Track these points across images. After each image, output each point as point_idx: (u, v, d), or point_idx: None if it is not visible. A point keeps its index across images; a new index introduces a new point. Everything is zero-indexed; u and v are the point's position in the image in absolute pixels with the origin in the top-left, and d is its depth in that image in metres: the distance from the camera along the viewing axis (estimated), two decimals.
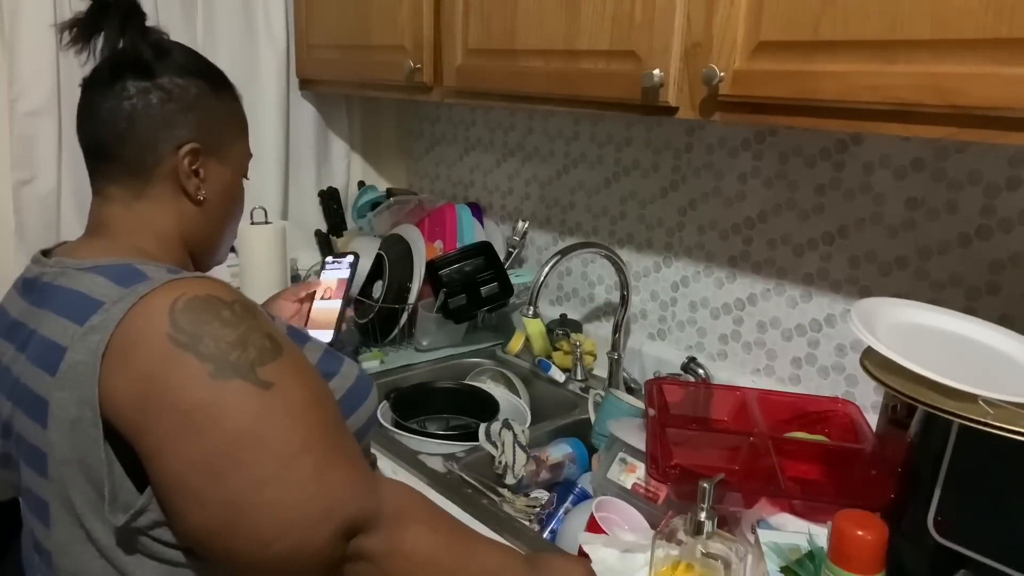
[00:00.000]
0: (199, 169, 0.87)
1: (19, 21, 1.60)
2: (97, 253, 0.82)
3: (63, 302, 0.77)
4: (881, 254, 1.25)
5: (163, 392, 0.68)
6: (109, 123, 0.85)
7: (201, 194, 0.88)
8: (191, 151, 0.85)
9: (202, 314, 0.71)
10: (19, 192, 1.67)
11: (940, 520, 0.83)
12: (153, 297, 0.72)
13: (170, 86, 0.84)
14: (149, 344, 0.69)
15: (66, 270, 0.80)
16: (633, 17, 1.13)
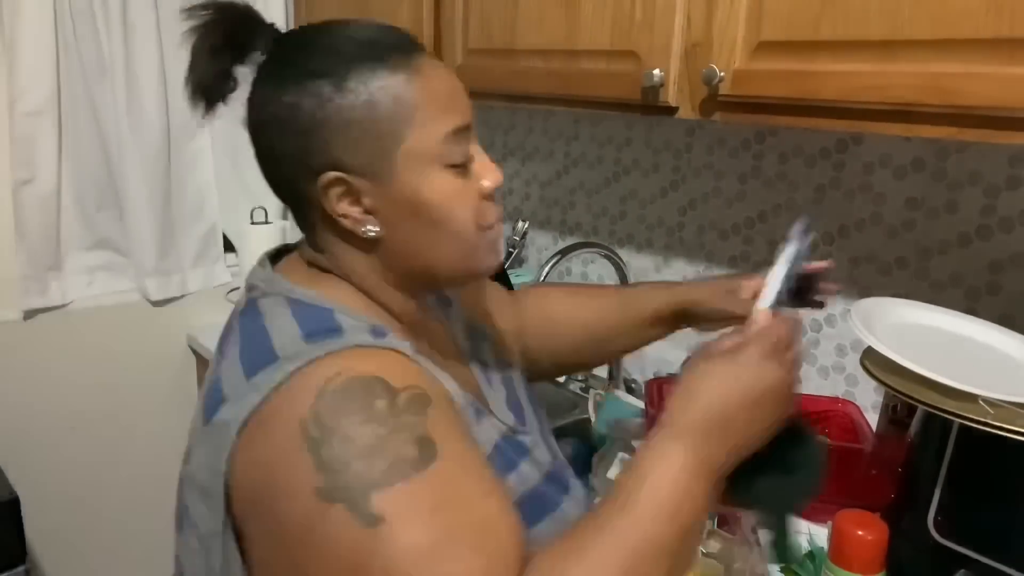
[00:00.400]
0: (360, 200, 0.66)
1: (19, 21, 1.60)
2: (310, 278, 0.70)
3: (249, 332, 0.66)
4: (881, 254, 1.25)
5: (271, 490, 0.57)
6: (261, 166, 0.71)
7: (370, 231, 0.67)
8: (333, 181, 0.66)
9: (350, 402, 0.57)
10: (19, 192, 1.67)
11: (940, 520, 0.83)
12: (317, 368, 0.59)
13: (279, 113, 0.65)
14: (283, 426, 0.57)
15: (270, 290, 0.69)
16: (633, 17, 1.13)
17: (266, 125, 0.67)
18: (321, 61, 0.65)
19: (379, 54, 0.65)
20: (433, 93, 0.66)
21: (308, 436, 0.56)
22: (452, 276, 0.72)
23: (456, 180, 0.68)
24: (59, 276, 1.78)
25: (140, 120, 1.76)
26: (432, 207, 0.67)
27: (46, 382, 1.80)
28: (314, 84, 0.64)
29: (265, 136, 0.68)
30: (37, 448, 1.81)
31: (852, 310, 0.93)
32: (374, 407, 0.57)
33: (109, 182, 1.80)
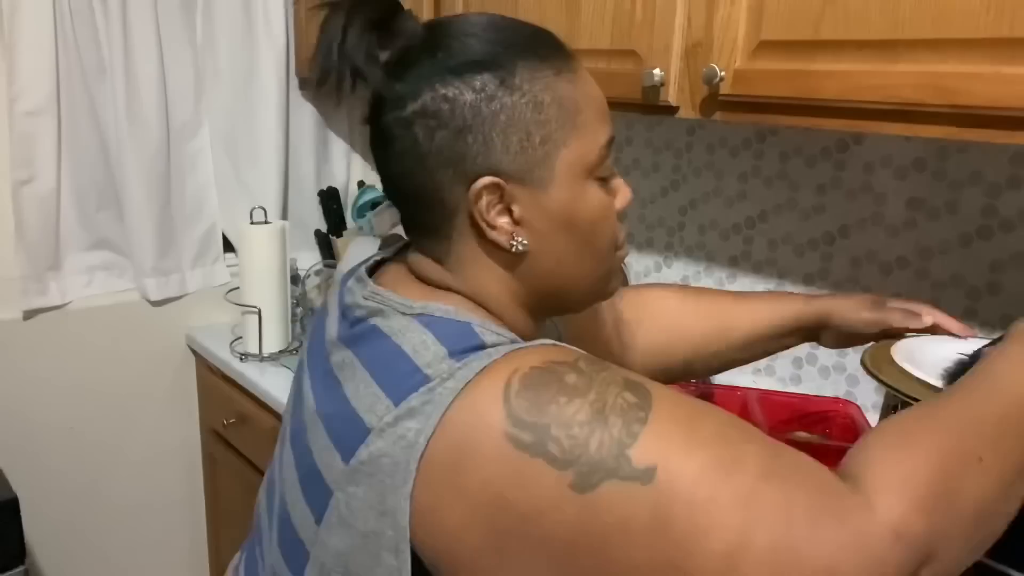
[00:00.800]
0: (512, 208, 0.61)
1: (19, 21, 1.60)
2: (427, 294, 0.63)
3: (379, 357, 0.58)
4: (882, 254, 1.25)
5: (516, 519, 0.50)
6: (386, 182, 0.65)
7: (522, 243, 0.61)
8: (485, 187, 0.60)
9: (543, 391, 0.52)
10: (19, 192, 1.67)
11: None
12: (486, 378, 0.53)
13: (432, 106, 0.59)
14: (485, 451, 0.51)
15: (386, 309, 0.61)
16: (633, 16, 1.13)
17: (411, 121, 0.60)
18: (483, 51, 0.59)
19: (543, 53, 0.61)
20: (592, 100, 0.63)
21: (523, 444, 0.50)
22: (584, 297, 0.68)
23: (604, 194, 0.64)
24: (58, 276, 1.78)
25: (140, 120, 1.75)
26: (585, 222, 0.63)
27: (45, 382, 1.80)
28: (478, 77, 0.58)
29: (408, 133, 0.60)
30: (37, 448, 1.81)
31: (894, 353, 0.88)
32: (567, 383, 0.52)
33: (109, 182, 1.79)
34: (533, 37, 0.62)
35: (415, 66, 0.60)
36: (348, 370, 0.59)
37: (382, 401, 0.55)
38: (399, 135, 0.61)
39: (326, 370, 0.62)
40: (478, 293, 0.63)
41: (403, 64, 0.61)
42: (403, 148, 0.61)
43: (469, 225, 0.61)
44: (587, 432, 0.50)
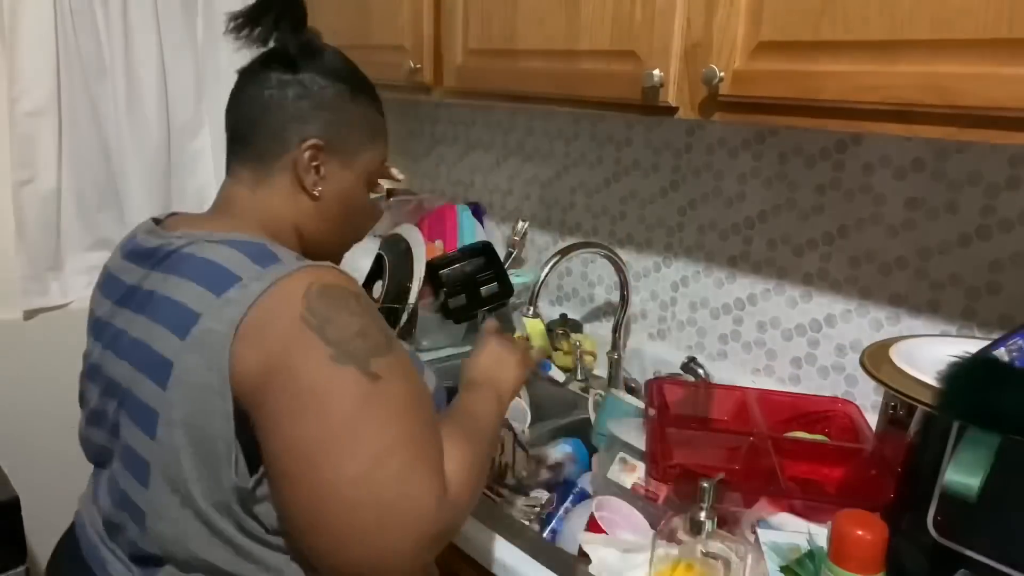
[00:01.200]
0: (319, 166, 0.90)
1: (19, 21, 1.60)
2: (226, 228, 0.86)
3: (198, 270, 0.80)
4: (881, 254, 1.25)
5: (286, 368, 0.72)
6: (248, 108, 0.90)
7: (317, 190, 0.90)
8: (313, 146, 0.89)
9: (333, 301, 0.76)
10: (19, 192, 1.67)
11: (940, 520, 0.83)
12: (290, 280, 0.76)
13: (309, 83, 0.90)
14: (283, 322, 0.73)
15: (197, 241, 0.83)
16: (633, 17, 1.13)
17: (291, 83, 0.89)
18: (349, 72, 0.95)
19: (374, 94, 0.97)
20: (386, 134, 0.98)
21: (310, 324, 0.73)
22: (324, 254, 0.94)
23: (366, 194, 0.97)
24: (59, 276, 1.78)
25: (140, 120, 1.76)
26: (352, 204, 0.95)
27: (46, 382, 1.80)
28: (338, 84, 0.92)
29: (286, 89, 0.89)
30: (37, 448, 1.81)
31: (892, 354, 0.92)
32: (349, 305, 0.77)
33: (109, 182, 1.80)
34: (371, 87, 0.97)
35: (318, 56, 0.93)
36: (167, 284, 0.81)
37: (206, 295, 0.77)
38: (275, 86, 0.89)
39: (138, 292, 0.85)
40: (273, 219, 0.90)
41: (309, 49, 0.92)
42: (272, 96, 0.89)
43: (291, 168, 0.89)
44: (351, 336, 0.74)
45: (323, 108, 0.90)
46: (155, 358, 0.78)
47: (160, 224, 0.92)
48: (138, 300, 0.85)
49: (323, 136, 0.89)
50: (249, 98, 0.90)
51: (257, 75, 0.90)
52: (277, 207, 0.90)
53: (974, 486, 0.79)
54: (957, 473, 0.81)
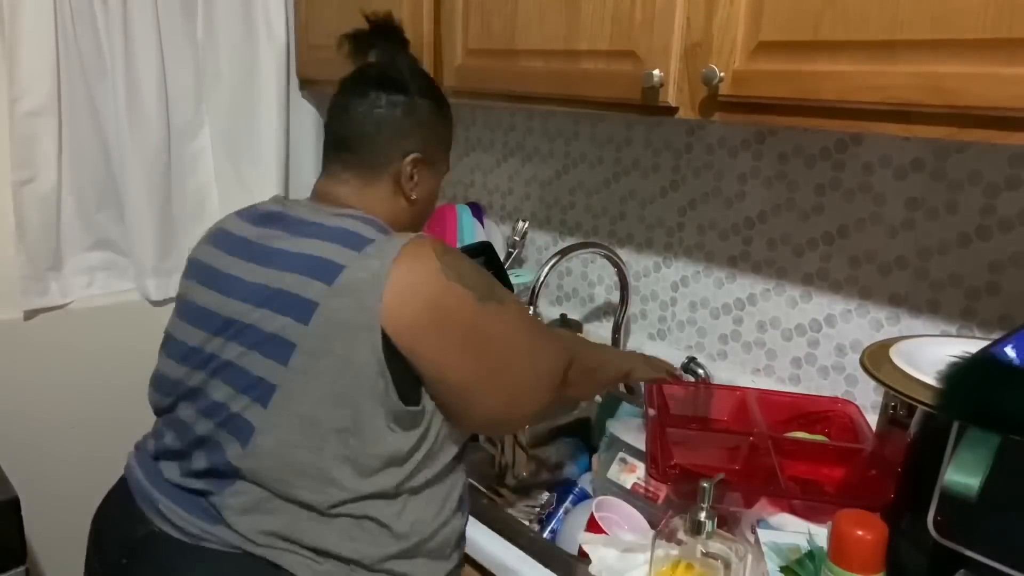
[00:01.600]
0: (415, 175, 1.04)
1: (19, 21, 1.60)
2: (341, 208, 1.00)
3: (330, 233, 0.93)
4: (881, 254, 1.25)
5: (445, 314, 0.90)
6: (359, 124, 1.03)
7: (414, 195, 1.06)
8: (414, 160, 1.03)
9: (456, 258, 0.94)
10: (19, 192, 1.67)
11: (940, 520, 0.83)
12: (417, 243, 0.92)
13: (412, 104, 1.03)
14: (427, 275, 0.90)
15: (316, 211, 0.99)
16: (633, 17, 1.13)
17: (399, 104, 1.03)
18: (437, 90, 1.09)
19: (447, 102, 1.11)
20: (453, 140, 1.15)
21: (449, 275, 0.91)
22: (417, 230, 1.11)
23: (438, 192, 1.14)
24: (59, 276, 1.78)
25: (140, 120, 1.76)
26: (434, 198, 1.12)
27: (46, 382, 1.80)
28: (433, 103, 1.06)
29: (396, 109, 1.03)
30: (37, 448, 1.81)
31: (892, 354, 0.93)
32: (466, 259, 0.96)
33: (109, 182, 1.80)
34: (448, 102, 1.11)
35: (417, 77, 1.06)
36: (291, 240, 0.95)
37: (345, 251, 0.90)
38: (385, 106, 1.02)
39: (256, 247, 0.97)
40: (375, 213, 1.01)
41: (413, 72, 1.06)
42: (384, 115, 1.02)
43: (394, 177, 1.04)
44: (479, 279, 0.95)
45: (423, 126, 1.04)
46: (293, 299, 0.90)
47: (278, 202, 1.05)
48: (254, 251, 0.97)
49: (422, 150, 1.04)
50: (362, 115, 1.02)
51: (368, 93, 1.02)
52: (378, 206, 1.03)
53: (974, 486, 0.79)
54: (957, 473, 0.81)
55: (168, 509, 0.94)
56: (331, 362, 0.87)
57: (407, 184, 1.04)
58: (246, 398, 0.91)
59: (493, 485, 1.24)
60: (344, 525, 0.91)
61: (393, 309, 0.87)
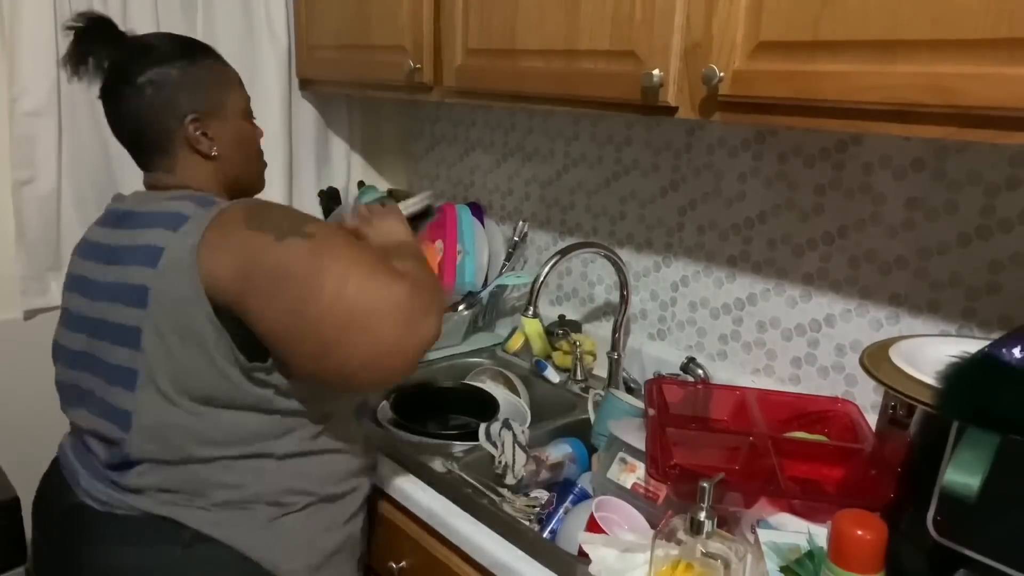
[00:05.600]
0: (206, 132, 1.08)
1: (19, 21, 1.60)
2: (170, 191, 1.07)
3: (155, 219, 1.01)
4: (881, 254, 1.25)
5: (251, 261, 0.93)
6: (127, 123, 1.08)
7: (214, 151, 1.10)
8: (192, 120, 1.07)
9: (263, 207, 0.99)
10: (19, 192, 1.67)
11: (940, 520, 0.83)
12: (230, 208, 0.98)
13: (155, 77, 1.06)
14: (234, 233, 0.95)
15: (149, 200, 1.06)
16: (633, 17, 1.13)
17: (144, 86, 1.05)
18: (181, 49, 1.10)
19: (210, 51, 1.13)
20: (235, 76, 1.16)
21: (252, 226, 0.95)
22: (251, 188, 1.19)
23: (251, 127, 1.18)
24: (59, 276, 1.78)
25: None
26: (243, 139, 1.15)
27: (46, 382, 1.80)
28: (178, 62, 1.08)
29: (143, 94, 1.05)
30: (37, 448, 1.81)
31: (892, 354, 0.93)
32: (274, 206, 1.00)
33: (109, 182, 1.80)
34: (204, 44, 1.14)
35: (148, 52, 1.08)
36: (129, 234, 1.02)
37: (164, 233, 0.98)
38: (131, 97, 1.06)
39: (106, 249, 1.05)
40: (199, 186, 1.09)
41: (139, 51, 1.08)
42: (138, 105, 1.06)
43: (187, 144, 1.09)
44: (282, 219, 0.96)
45: (179, 89, 1.06)
46: (130, 288, 0.98)
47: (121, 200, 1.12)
48: (106, 253, 1.05)
49: (194, 108, 1.07)
50: (123, 116, 1.07)
51: (114, 96, 1.07)
52: (194, 177, 1.09)
53: (974, 486, 0.79)
54: (957, 473, 0.81)
55: (87, 482, 1.06)
56: (177, 338, 0.95)
57: (203, 144, 1.08)
58: (117, 387, 1.00)
59: (493, 485, 1.24)
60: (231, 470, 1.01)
61: (211, 274, 0.93)
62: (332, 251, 0.94)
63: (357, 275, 0.92)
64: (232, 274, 0.93)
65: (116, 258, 1.02)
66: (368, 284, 0.92)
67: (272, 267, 0.92)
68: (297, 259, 0.92)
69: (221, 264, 0.93)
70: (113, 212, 1.09)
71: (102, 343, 1.03)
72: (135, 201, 1.08)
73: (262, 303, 0.93)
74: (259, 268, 0.92)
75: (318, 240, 0.94)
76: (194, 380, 0.97)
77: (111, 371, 1.02)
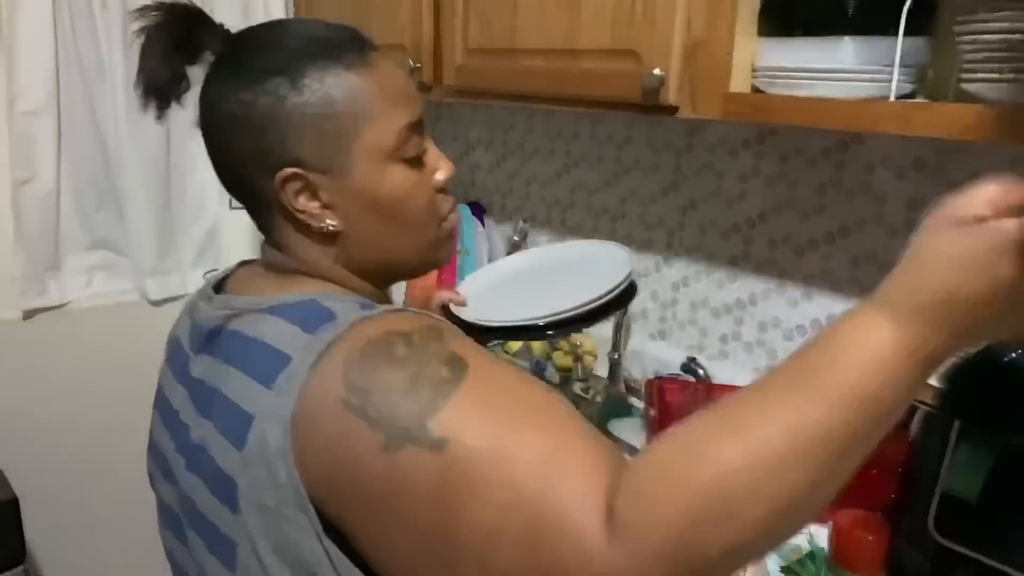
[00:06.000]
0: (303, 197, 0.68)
1: (19, 21, 1.60)
2: (275, 288, 0.70)
3: (246, 355, 0.65)
4: (882, 254, 1.25)
5: (345, 473, 0.57)
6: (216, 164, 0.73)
7: (330, 225, 0.69)
8: (288, 178, 0.67)
9: (374, 361, 0.58)
10: (19, 192, 1.67)
11: (940, 520, 0.82)
12: (333, 351, 0.60)
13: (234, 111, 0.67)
14: (328, 413, 0.58)
15: (242, 313, 0.68)
16: (633, 16, 1.13)
17: (221, 124, 0.69)
18: (276, 59, 0.67)
19: (333, 51, 0.67)
20: (387, 89, 0.69)
21: (351, 406, 0.57)
22: (410, 268, 0.76)
23: (412, 173, 0.71)
24: (58, 276, 1.78)
25: (140, 120, 1.75)
26: (389, 200, 0.70)
27: (45, 382, 1.80)
28: (270, 82, 0.66)
29: (220, 134, 0.69)
30: (37, 448, 1.81)
31: None
32: (396, 354, 0.58)
33: (108, 182, 1.80)
34: (326, 39, 0.68)
35: (216, 78, 0.69)
36: (217, 373, 0.67)
37: (256, 388, 0.62)
38: (212, 139, 0.71)
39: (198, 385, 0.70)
40: (315, 270, 0.71)
41: (209, 76, 0.70)
42: (218, 150, 0.71)
43: (285, 214, 0.69)
44: (399, 399, 0.56)
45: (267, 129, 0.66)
46: (219, 474, 0.64)
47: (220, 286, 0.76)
48: (198, 390, 0.70)
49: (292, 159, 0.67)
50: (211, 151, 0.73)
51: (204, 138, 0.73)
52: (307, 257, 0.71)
53: (975, 486, 0.79)
54: (958, 473, 0.80)
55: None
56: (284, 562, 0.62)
57: (303, 216, 0.69)
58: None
59: None
60: None
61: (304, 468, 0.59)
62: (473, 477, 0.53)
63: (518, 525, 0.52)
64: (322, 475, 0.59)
65: (206, 406, 0.68)
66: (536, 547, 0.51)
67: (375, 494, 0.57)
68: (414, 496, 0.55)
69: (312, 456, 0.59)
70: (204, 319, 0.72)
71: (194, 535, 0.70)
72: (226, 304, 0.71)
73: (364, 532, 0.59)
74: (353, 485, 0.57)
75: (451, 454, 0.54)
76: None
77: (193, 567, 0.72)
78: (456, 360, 0.58)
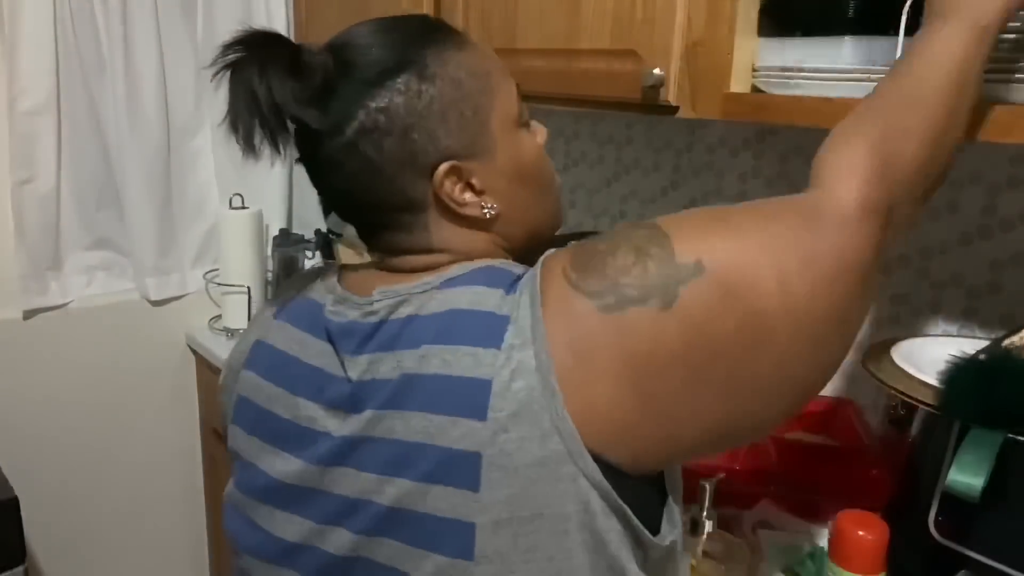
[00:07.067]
0: (463, 186, 0.65)
1: (19, 20, 1.60)
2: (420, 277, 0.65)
3: (446, 329, 0.60)
4: None
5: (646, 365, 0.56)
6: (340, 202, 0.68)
7: (488, 210, 0.66)
8: (448, 171, 0.64)
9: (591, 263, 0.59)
10: (18, 191, 1.67)
11: (940, 520, 0.82)
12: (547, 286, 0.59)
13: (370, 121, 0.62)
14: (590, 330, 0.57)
15: (406, 298, 0.63)
16: (633, 16, 1.13)
17: (355, 141, 0.63)
18: (391, 57, 0.63)
19: (435, 35, 0.66)
20: (491, 59, 0.71)
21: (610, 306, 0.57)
22: (550, 231, 0.75)
23: (531, 136, 0.72)
24: (58, 275, 1.78)
25: (140, 120, 1.76)
26: (530, 168, 0.70)
27: (46, 381, 1.80)
28: (399, 79, 0.63)
29: (356, 153, 0.63)
30: (37, 448, 1.81)
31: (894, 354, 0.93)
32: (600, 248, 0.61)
33: (109, 181, 1.80)
34: (423, 25, 0.67)
35: (337, 93, 0.63)
36: (401, 361, 0.61)
37: (484, 354, 0.58)
38: (347, 158, 0.64)
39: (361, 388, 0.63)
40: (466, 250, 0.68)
41: (325, 95, 0.63)
42: (355, 168, 0.64)
43: (442, 210, 0.66)
44: (640, 269, 0.58)
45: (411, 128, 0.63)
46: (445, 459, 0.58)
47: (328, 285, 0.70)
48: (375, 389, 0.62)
49: (442, 153, 0.64)
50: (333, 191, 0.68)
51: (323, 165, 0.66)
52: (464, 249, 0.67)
53: (977, 486, 0.79)
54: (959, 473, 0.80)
55: None
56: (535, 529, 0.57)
57: (465, 208, 0.66)
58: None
59: None
60: None
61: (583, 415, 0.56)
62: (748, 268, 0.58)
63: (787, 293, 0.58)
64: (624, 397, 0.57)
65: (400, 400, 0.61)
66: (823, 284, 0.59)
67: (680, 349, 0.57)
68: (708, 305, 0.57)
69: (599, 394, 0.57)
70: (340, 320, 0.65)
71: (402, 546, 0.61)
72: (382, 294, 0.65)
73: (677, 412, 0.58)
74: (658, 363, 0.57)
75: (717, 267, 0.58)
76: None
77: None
78: (642, 224, 0.65)
